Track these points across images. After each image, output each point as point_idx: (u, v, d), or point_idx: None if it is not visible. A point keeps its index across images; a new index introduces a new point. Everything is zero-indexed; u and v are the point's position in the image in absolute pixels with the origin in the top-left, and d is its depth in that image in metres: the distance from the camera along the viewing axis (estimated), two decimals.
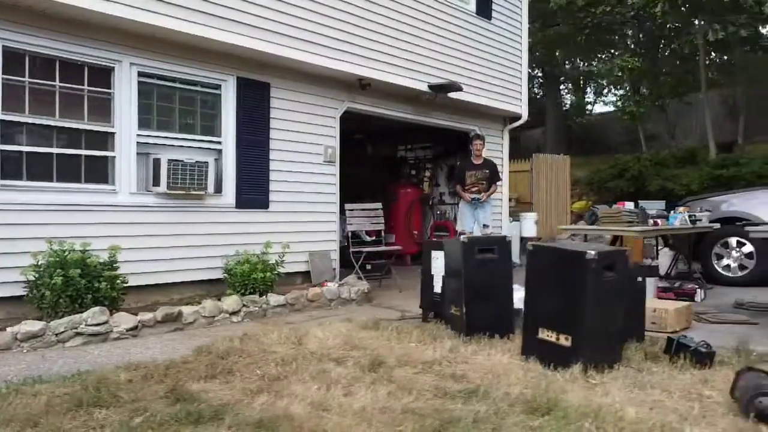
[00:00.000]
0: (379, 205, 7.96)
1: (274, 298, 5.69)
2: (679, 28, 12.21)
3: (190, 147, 6.23)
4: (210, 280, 6.26)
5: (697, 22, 12.44)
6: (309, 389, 3.04)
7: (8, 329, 4.16)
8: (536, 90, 22.40)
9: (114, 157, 5.70)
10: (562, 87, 22.94)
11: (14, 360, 3.90)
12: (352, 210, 7.69)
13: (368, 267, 8.61)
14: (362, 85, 7.69)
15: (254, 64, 6.67)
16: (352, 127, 10.22)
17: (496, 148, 10.36)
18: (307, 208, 7.31)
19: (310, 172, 7.35)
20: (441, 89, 8.47)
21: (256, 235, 6.57)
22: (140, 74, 5.83)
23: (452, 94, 8.73)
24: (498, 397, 2.90)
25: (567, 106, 22.94)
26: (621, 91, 15.92)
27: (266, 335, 4.29)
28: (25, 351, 4.13)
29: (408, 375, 3.32)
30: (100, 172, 5.67)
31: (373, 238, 9.60)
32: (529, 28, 10.87)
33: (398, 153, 12.02)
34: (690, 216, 6.95)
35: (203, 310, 5.10)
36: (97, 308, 4.52)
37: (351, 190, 11.80)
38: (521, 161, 14.17)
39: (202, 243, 6.25)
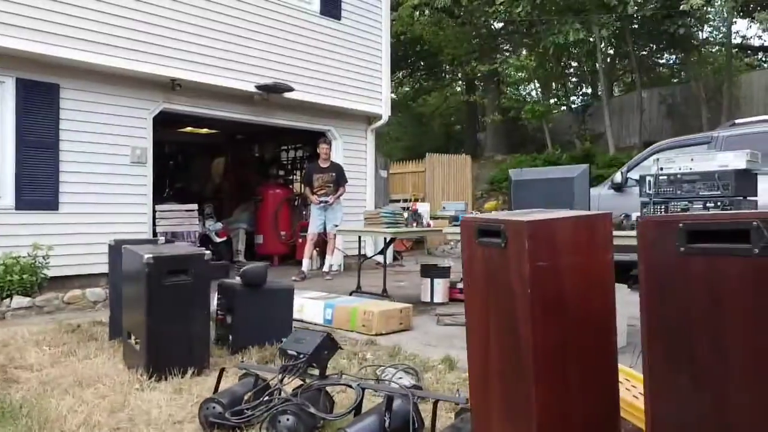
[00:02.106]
0: (192, 206, 7.93)
1: (17, 301, 5.67)
2: (549, 29, 12.14)
3: None
4: None
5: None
6: None
7: None
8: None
9: None
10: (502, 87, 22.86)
11: None
12: (162, 212, 7.66)
13: None
14: (173, 86, 7.67)
15: (39, 65, 6.64)
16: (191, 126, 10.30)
17: (359, 147, 10.34)
18: (111, 209, 7.28)
19: (112, 173, 7.32)
20: (270, 89, 8.45)
21: (38, 236, 6.55)
22: None
23: (292, 95, 8.71)
24: None
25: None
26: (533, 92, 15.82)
27: None
28: None
29: None
30: None
31: (224, 239, 9.62)
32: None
33: (277, 154, 12.00)
34: None
35: None
36: None
37: (231, 190, 11.87)
38: (418, 162, 14.18)
39: None
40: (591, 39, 11.18)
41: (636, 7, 9.70)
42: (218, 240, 9.53)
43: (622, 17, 10.42)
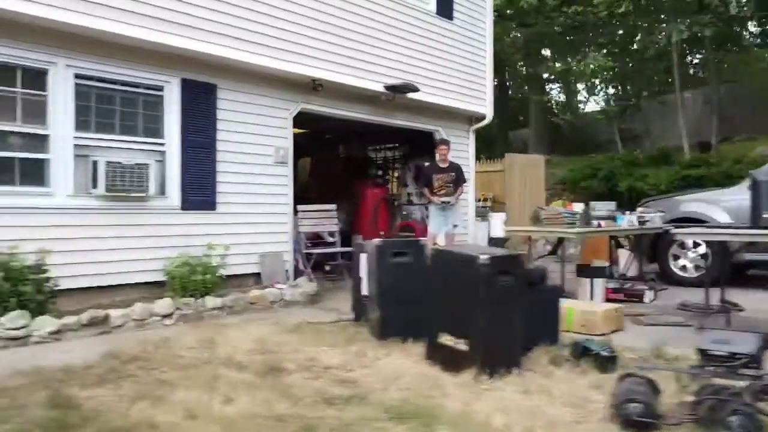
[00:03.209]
0: (333, 206, 7.94)
1: (211, 301, 5.67)
2: (646, 28, 12.19)
3: (131, 149, 6.21)
4: (153, 282, 6.24)
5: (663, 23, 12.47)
6: (191, 396, 3.03)
7: None
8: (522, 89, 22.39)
9: (49, 159, 5.68)
10: (548, 86, 22.93)
11: None
12: (304, 212, 7.66)
13: (327, 268, 8.63)
14: (315, 86, 7.67)
15: (199, 65, 6.64)
16: (320, 126, 10.25)
17: (462, 148, 10.34)
18: (258, 209, 7.29)
19: (260, 173, 7.33)
20: (397, 90, 8.46)
21: (203, 236, 6.56)
22: (77, 76, 5.81)
23: (412, 95, 8.72)
24: (375, 402, 2.89)
25: (552, 105, 22.89)
26: (611, 91, 15.86)
27: (183, 339, 4.28)
28: None
29: (299, 381, 3.31)
30: (35, 174, 5.64)
31: (335, 239, 9.62)
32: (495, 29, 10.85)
33: (366, 153, 12.00)
34: (639, 217, 6.95)
35: (133, 313, 5.09)
36: (16, 312, 4.51)
37: (319, 190, 11.82)
38: (496, 161, 14.20)
39: (145, 245, 6.23)
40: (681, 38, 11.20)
41: (737, 8, 9.77)
42: (331, 240, 9.53)
43: (724, 18, 10.50)
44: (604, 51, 14.54)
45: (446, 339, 3.52)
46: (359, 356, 3.80)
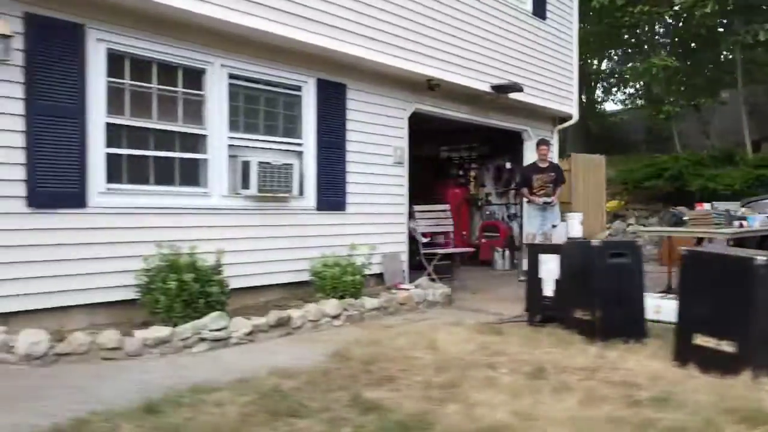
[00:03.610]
0: (447, 206, 7.93)
1: (369, 302, 5.65)
2: (717, 28, 12.17)
3: (272, 149, 6.17)
4: (295, 283, 6.21)
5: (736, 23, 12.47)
6: (491, 397, 2.99)
7: (137, 334, 4.10)
8: None
9: (206, 159, 5.64)
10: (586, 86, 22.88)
11: (152, 366, 3.84)
12: (421, 212, 7.63)
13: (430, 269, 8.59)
14: (431, 86, 7.64)
15: (332, 65, 6.61)
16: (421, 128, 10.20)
17: None
18: (379, 209, 7.26)
19: (381, 174, 7.30)
20: (502, 90, 8.44)
21: (334, 237, 6.54)
22: (230, 76, 5.78)
23: (514, 95, 8.69)
24: (693, 406, 2.86)
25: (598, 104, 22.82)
26: (655, 90, 15.77)
27: (392, 341, 4.25)
28: (156, 357, 4.08)
29: (575, 382, 3.28)
30: (192, 175, 5.61)
31: (442, 240, 9.58)
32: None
33: (443, 153, 11.95)
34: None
35: (308, 314, 5.05)
36: (216, 313, 4.48)
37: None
38: (561, 161, 14.17)
39: (288, 246, 6.20)
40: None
41: None
42: (424, 240, 9.49)
43: None
44: (663, 52, 14.51)
45: (704, 340, 3.49)
46: (602, 358, 3.77)
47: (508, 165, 10.83)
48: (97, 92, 4.84)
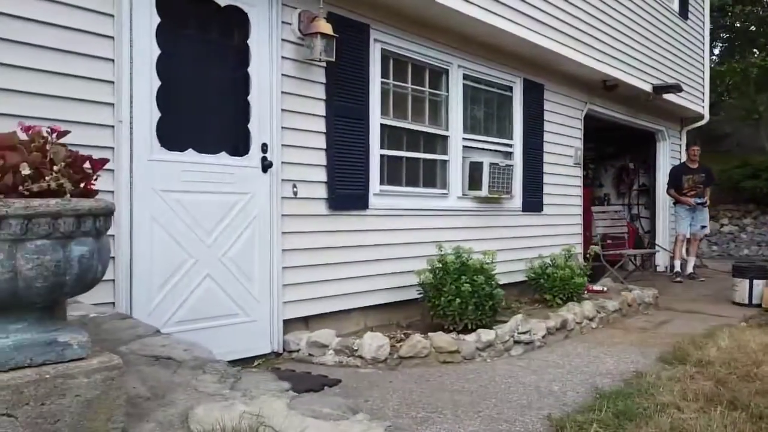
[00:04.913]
0: (620, 207, 7.88)
1: (610, 304, 5.61)
2: None
3: (490, 150, 6.14)
4: (511, 284, 6.17)
5: None
6: None
7: (466, 338, 4.06)
8: None
9: (447, 160, 5.61)
10: None
11: (507, 369, 3.82)
12: (598, 212, 7.60)
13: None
14: (606, 86, 7.60)
15: (534, 65, 6.57)
16: None
17: (675, 149, 10.30)
18: (564, 210, 7.24)
19: (565, 174, 7.27)
20: (663, 90, 8.40)
21: (539, 238, 6.54)
22: (464, 77, 5.74)
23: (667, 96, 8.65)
24: None
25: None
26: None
27: (704, 346, 4.19)
28: (487, 360, 4.04)
29: None
30: (433, 176, 5.58)
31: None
32: None
33: None
34: None
35: (576, 317, 5.01)
36: (519, 316, 4.44)
37: None
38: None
39: (502, 247, 6.14)
40: None
41: None
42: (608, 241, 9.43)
43: None
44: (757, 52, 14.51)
45: None
46: None
47: (631, 165, 10.79)
48: (374, 92, 4.81)
